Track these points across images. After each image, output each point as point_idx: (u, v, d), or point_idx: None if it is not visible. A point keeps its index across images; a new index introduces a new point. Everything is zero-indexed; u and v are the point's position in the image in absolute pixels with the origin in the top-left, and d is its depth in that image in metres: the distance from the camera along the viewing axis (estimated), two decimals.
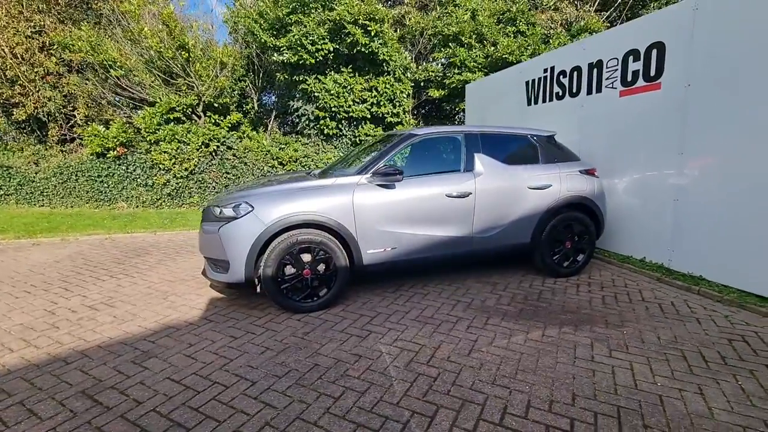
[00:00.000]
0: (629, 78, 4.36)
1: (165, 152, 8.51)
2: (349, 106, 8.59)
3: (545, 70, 5.68)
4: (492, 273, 4.25)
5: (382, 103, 8.69)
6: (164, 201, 8.88)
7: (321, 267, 3.30)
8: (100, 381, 2.36)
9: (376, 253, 3.45)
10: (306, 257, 3.24)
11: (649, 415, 2.01)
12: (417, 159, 3.90)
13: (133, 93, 9.40)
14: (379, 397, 2.18)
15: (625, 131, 4.44)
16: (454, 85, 9.06)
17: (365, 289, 3.83)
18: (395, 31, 9.50)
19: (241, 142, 8.97)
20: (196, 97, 8.92)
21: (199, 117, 9.29)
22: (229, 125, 9.18)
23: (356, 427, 1.95)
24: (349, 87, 8.49)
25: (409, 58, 9.17)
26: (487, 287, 3.86)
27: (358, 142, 9.04)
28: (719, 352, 2.60)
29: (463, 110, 9.39)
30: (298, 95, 8.71)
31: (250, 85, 9.93)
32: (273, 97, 10.70)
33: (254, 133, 9.61)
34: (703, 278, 3.74)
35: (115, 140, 8.49)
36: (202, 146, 8.64)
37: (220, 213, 3.26)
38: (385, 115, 8.82)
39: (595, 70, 4.81)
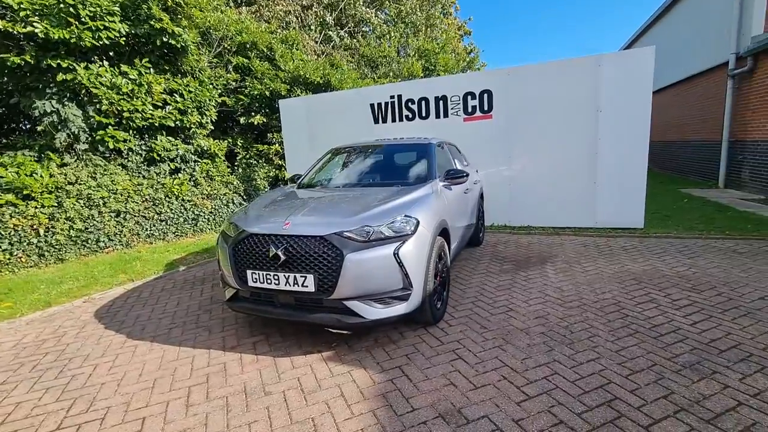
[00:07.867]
0: (470, 110, 6.64)
1: None
2: (147, 111, 6.43)
3: (392, 97, 7.15)
4: None
5: (189, 111, 7.07)
6: None
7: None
8: None
9: (453, 248, 3.84)
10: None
11: (650, 278, 4.09)
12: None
13: None
14: (607, 324, 3.10)
15: (472, 144, 6.70)
16: (255, 94, 8.70)
17: None
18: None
19: None
20: None
21: None
22: None
23: (639, 341, 2.86)
24: (146, 86, 6.34)
25: (205, 60, 7.84)
26: (471, 263, 4.99)
27: (157, 158, 6.89)
28: (608, 252, 5.13)
29: (261, 123, 9.17)
30: (50, 90, 5.52)
31: None
32: None
33: None
34: (531, 226, 6.59)
35: None
36: None
37: (370, 235, 2.65)
38: (192, 125, 7.23)
39: (441, 102, 6.80)
